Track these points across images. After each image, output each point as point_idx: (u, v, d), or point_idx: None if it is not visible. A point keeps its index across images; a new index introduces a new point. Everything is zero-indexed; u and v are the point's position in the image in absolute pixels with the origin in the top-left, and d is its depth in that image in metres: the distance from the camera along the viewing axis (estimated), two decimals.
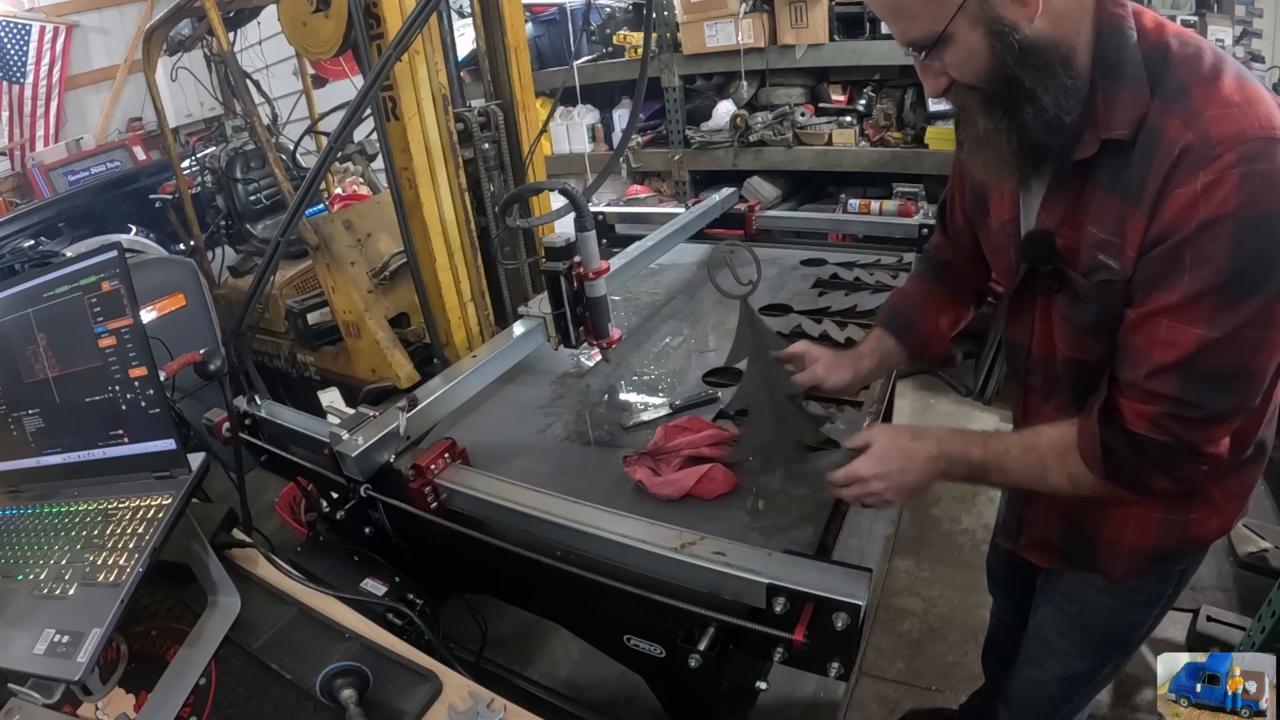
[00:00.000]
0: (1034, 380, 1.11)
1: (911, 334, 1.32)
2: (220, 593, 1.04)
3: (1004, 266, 1.09)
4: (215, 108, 3.88)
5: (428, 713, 0.87)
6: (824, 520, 1.21)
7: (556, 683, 1.82)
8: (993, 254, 1.13)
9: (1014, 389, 1.18)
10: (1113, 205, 0.86)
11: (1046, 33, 0.82)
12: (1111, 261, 0.87)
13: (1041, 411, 1.10)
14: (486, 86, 2.10)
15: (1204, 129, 0.77)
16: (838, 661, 0.97)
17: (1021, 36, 0.82)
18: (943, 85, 0.91)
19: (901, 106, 3.47)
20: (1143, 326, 0.85)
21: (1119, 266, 0.86)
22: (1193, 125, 0.78)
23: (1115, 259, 0.86)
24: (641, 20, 3.88)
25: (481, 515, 1.27)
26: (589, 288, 1.49)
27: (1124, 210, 0.84)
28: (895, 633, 2.20)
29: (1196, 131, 0.78)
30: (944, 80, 0.90)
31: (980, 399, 3.29)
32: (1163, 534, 1.06)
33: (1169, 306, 0.82)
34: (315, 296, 2.46)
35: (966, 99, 0.91)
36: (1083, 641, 1.23)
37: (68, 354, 1.09)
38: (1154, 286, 0.83)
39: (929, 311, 1.32)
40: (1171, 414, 0.85)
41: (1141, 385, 0.86)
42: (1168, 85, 0.81)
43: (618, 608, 1.11)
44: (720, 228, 2.52)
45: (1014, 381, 1.16)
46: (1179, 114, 0.79)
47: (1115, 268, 0.87)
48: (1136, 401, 0.87)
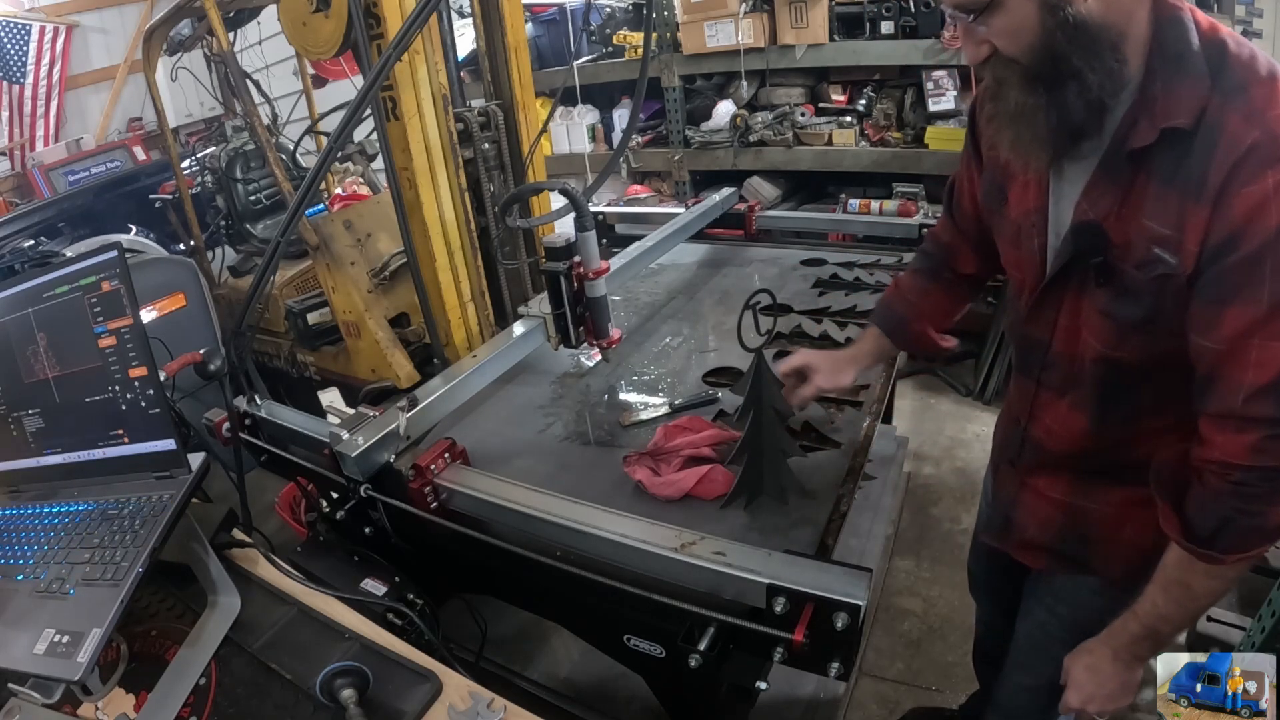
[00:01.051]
0: (1049, 377, 1.07)
1: (903, 332, 1.34)
2: (220, 593, 1.04)
3: (1024, 258, 1.04)
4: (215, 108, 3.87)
5: (428, 713, 0.87)
6: (824, 520, 1.21)
7: (556, 683, 1.82)
8: (1009, 245, 1.08)
9: (1020, 384, 1.15)
10: (1171, 198, 0.83)
11: (1098, 13, 0.80)
12: (1168, 256, 0.84)
13: (1052, 409, 1.08)
14: (486, 86, 2.10)
15: (1270, 128, 0.77)
16: (838, 661, 0.97)
17: (1074, 12, 0.80)
18: (984, 54, 0.88)
19: (901, 106, 3.47)
20: (1232, 354, 0.82)
21: (1176, 261, 0.83)
22: (1256, 123, 0.77)
23: (1172, 254, 0.83)
24: (641, 20, 3.87)
25: (481, 515, 1.27)
26: (589, 288, 1.49)
27: (1183, 203, 0.82)
28: (895, 633, 2.20)
29: (1262, 129, 0.77)
30: (985, 49, 0.87)
31: (980, 399, 3.29)
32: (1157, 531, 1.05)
33: (1256, 322, 0.79)
34: (315, 296, 2.45)
35: (1006, 72, 0.88)
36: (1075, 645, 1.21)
37: (68, 354, 1.09)
38: (1234, 299, 0.80)
39: (922, 310, 1.33)
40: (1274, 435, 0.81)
41: (1238, 414, 0.82)
42: (1227, 81, 0.80)
43: (618, 608, 1.11)
44: (720, 228, 2.52)
45: (1024, 376, 1.13)
46: (1240, 110, 0.78)
47: (1172, 262, 0.84)
48: (1235, 433, 0.83)
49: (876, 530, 2.14)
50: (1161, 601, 0.96)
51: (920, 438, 3.07)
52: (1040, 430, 1.11)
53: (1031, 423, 1.12)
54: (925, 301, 1.33)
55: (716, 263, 2.38)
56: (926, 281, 1.33)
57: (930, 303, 1.33)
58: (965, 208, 1.23)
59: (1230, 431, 0.84)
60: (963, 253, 1.28)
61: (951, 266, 1.31)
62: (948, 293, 1.33)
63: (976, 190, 1.17)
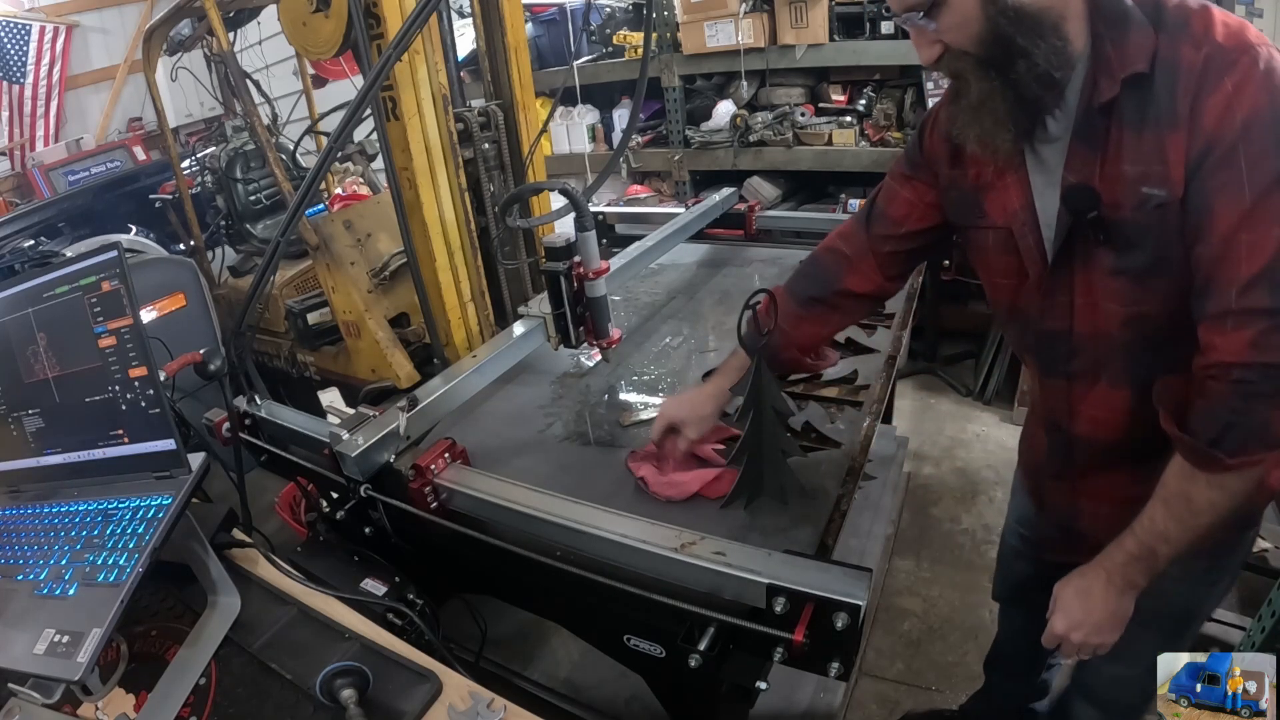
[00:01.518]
0: (1078, 365, 1.05)
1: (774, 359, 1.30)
2: (220, 593, 1.04)
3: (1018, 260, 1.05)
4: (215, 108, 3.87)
5: (428, 713, 0.87)
6: (824, 520, 1.21)
7: (556, 683, 1.82)
8: (998, 254, 1.08)
9: (1049, 387, 1.12)
10: (1146, 138, 0.87)
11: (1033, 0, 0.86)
12: (1157, 190, 0.87)
13: (1091, 397, 1.06)
14: (486, 86, 2.10)
15: (1215, 44, 0.83)
16: (838, 661, 0.97)
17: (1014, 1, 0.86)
18: (936, 53, 0.93)
19: (901, 106, 3.47)
20: (1223, 252, 0.84)
21: (1166, 192, 0.86)
22: (1203, 45, 0.84)
23: (1161, 186, 0.86)
24: (641, 20, 3.87)
25: (481, 515, 1.27)
26: (589, 288, 1.49)
27: (1159, 137, 0.86)
28: (895, 633, 2.20)
29: (1210, 47, 0.83)
30: (938, 48, 0.93)
31: (980, 399, 3.29)
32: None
33: (1242, 214, 0.82)
34: (315, 296, 2.45)
35: (960, 65, 0.93)
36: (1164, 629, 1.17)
37: (68, 354, 1.09)
38: (1218, 199, 0.83)
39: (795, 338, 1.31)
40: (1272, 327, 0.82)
41: (1234, 309, 0.83)
42: (1168, 21, 0.86)
43: (618, 608, 1.11)
44: (720, 228, 2.52)
45: (1051, 377, 1.11)
46: (1187, 40, 0.85)
47: (1162, 194, 0.87)
48: (1232, 330, 0.84)
49: (876, 530, 2.14)
50: (1161, 517, 0.94)
51: (920, 438, 3.07)
52: (1085, 425, 1.09)
53: (1073, 421, 1.10)
54: (800, 329, 1.31)
55: (716, 263, 2.38)
56: (802, 308, 1.31)
57: (805, 331, 1.32)
58: (894, 218, 1.22)
59: (1228, 330, 0.84)
60: (864, 268, 1.27)
61: (842, 284, 1.29)
62: (827, 317, 1.32)
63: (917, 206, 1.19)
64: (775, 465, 1.26)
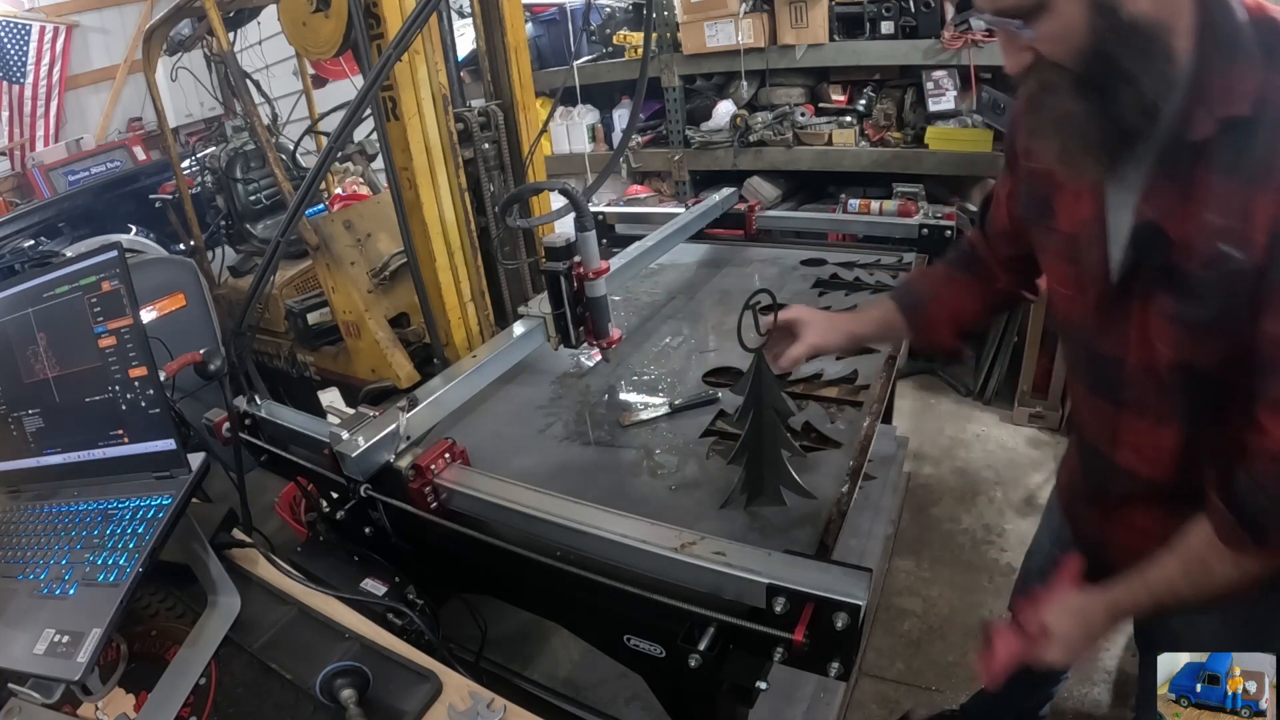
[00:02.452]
0: (1128, 395, 0.98)
1: (918, 312, 1.26)
2: (220, 593, 1.04)
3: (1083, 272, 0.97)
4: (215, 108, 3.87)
5: (428, 713, 0.87)
6: (824, 520, 1.21)
7: (556, 683, 1.82)
8: (1061, 261, 1.01)
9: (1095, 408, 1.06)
10: (1234, 189, 0.79)
11: (1149, 12, 0.76)
12: (1235, 251, 0.79)
13: (1138, 429, 0.99)
14: (486, 86, 2.10)
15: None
16: (838, 661, 0.97)
17: (1126, 14, 0.75)
18: (1025, 62, 0.83)
19: (901, 106, 3.47)
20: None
21: (1244, 255, 0.78)
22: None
23: (1240, 247, 0.78)
24: (641, 20, 3.87)
25: (481, 515, 1.27)
26: (589, 288, 1.49)
27: (1248, 193, 0.78)
28: (895, 633, 2.20)
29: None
30: (1028, 56, 0.83)
31: (980, 399, 3.29)
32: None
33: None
34: (315, 296, 2.45)
35: (1051, 79, 0.83)
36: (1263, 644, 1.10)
37: (68, 354, 1.09)
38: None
39: (944, 295, 1.26)
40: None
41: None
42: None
43: (618, 608, 1.11)
44: (720, 228, 2.52)
45: (1098, 398, 1.04)
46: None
47: (1239, 257, 0.79)
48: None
49: (876, 530, 2.14)
50: (1176, 574, 0.92)
51: (920, 438, 3.07)
52: (1127, 455, 1.03)
53: (1115, 448, 1.04)
54: (950, 288, 1.26)
55: (716, 263, 2.38)
56: (957, 270, 1.26)
57: (955, 290, 1.25)
58: (999, 223, 1.17)
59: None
60: (993, 268, 1.23)
61: (981, 273, 1.25)
62: (977, 288, 1.25)
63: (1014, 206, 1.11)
64: (775, 465, 1.25)
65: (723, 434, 1.47)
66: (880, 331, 1.31)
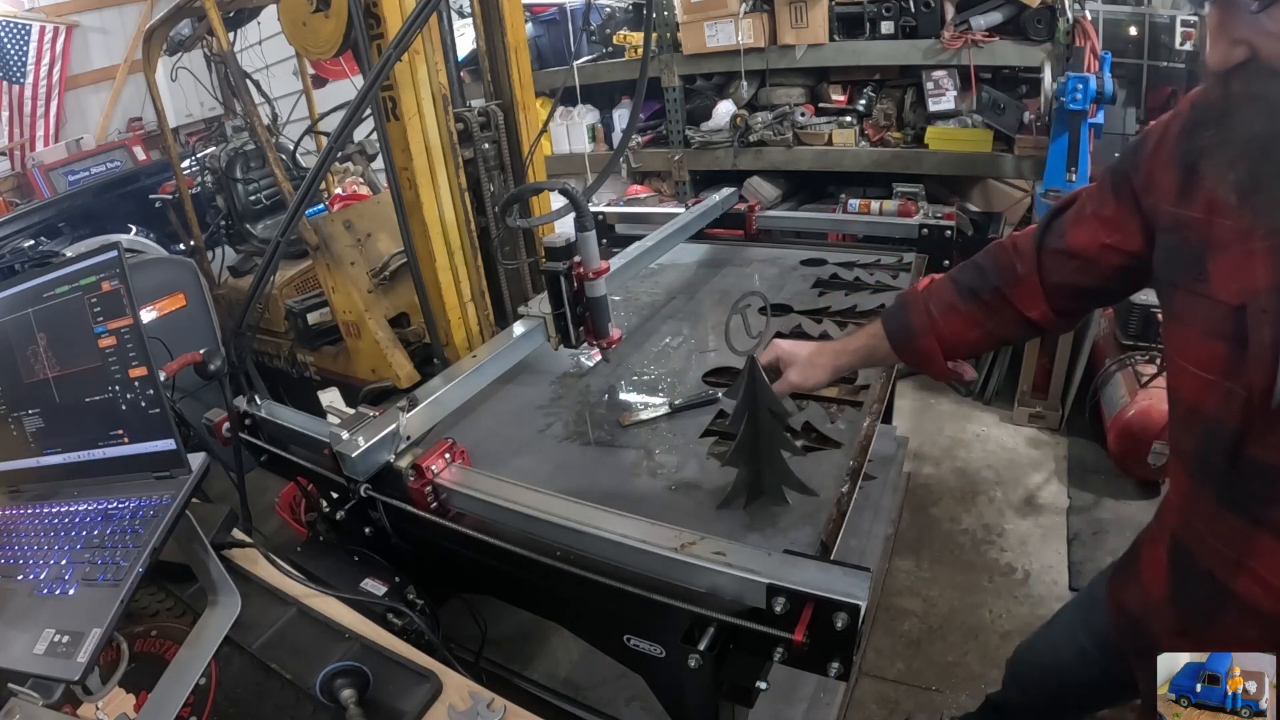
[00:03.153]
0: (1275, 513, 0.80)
1: (909, 343, 1.16)
2: (220, 593, 1.04)
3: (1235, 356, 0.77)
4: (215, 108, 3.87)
5: (428, 713, 0.87)
6: (824, 520, 1.21)
7: (556, 683, 1.82)
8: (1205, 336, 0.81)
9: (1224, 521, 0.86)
10: None
11: None
12: None
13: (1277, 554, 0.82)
14: (486, 86, 2.10)
15: None
16: (838, 661, 0.97)
17: None
18: (1238, 57, 0.66)
19: (901, 106, 3.47)
20: None
21: None
22: None
23: None
24: (641, 20, 3.87)
25: (481, 515, 1.27)
26: (589, 288, 1.49)
27: None
28: (895, 633, 2.20)
29: None
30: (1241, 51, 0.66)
31: (980, 399, 3.29)
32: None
33: None
34: (315, 296, 2.45)
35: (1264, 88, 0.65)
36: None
37: (68, 354, 1.09)
38: None
39: (940, 328, 1.13)
40: None
41: None
42: None
43: (618, 608, 1.11)
44: (720, 228, 2.52)
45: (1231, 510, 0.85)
46: None
47: None
48: None
49: (876, 530, 2.14)
50: None
51: (920, 438, 3.07)
52: (1254, 585, 0.84)
53: (1237, 574, 0.86)
54: (951, 319, 1.12)
55: (716, 263, 2.38)
56: (960, 298, 1.11)
57: (955, 323, 1.12)
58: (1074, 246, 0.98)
59: None
60: (1031, 291, 1.05)
61: (1005, 295, 1.07)
62: (982, 319, 1.10)
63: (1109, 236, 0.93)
64: (774, 465, 1.25)
65: (723, 434, 1.47)
66: (867, 361, 1.24)
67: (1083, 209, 0.98)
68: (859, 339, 1.24)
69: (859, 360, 1.24)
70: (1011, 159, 3.16)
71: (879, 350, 1.21)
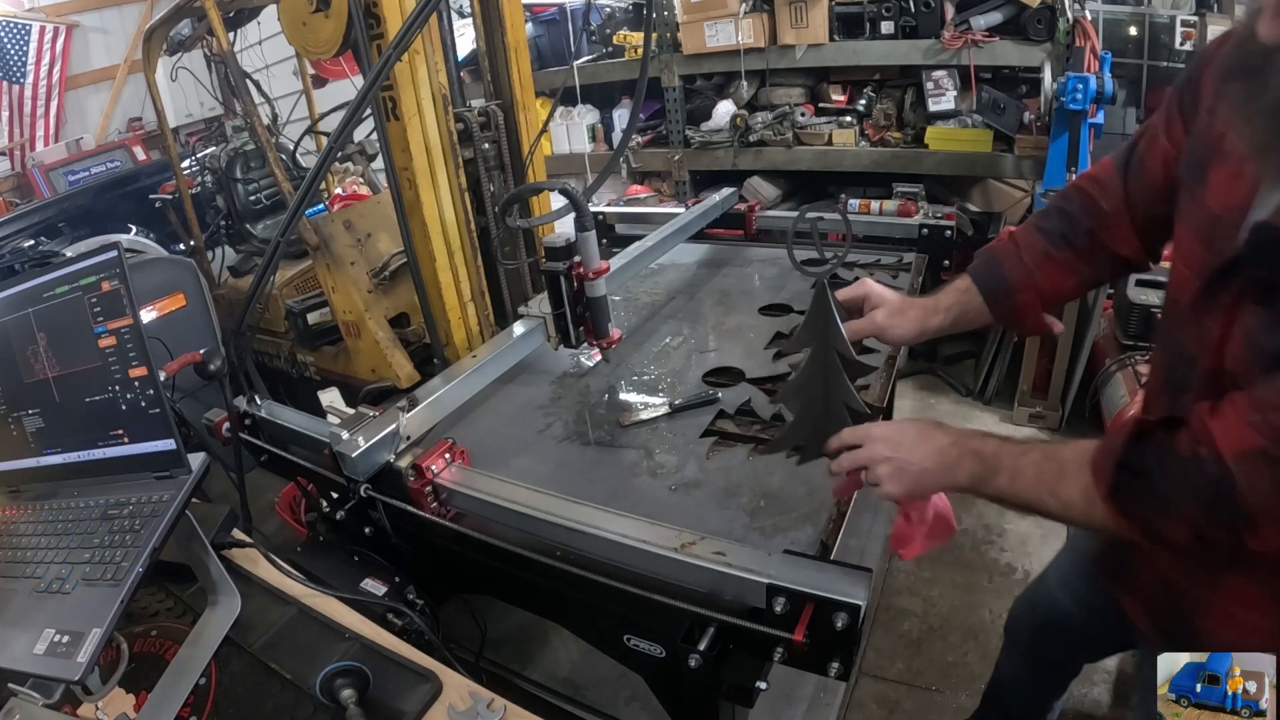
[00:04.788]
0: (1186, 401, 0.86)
1: (1006, 299, 1.10)
2: (220, 593, 1.04)
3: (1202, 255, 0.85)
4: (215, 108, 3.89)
5: (428, 713, 0.87)
6: (824, 520, 1.21)
7: (556, 683, 1.82)
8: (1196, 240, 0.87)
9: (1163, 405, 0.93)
10: None
11: None
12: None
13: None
14: (486, 86, 2.10)
15: None
16: (838, 661, 0.97)
17: None
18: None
19: (901, 106, 3.47)
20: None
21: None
22: None
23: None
24: (641, 20, 3.88)
25: (481, 515, 1.27)
26: (589, 288, 1.49)
27: None
28: (895, 633, 2.20)
29: None
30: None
31: (980, 399, 3.29)
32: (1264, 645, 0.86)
33: None
34: (315, 296, 2.46)
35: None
36: None
37: (68, 354, 1.09)
38: None
39: (1037, 279, 1.09)
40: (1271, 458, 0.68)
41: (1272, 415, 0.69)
42: None
43: (618, 608, 1.11)
44: (720, 228, 2.52)
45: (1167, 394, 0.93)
46: None
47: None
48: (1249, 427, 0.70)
49: (876, 530, 2.14)
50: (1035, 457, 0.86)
51: None
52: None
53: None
54: (1044, 271, 1.08)
55: (716, 263, 2.38)
56: (1054, 246, 1.08)
57: (1051, 272, 1.08)
58: (1152, 174, 0.98)
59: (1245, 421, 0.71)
60: (1121, 228, 1.03)
61: (1096, 237, 1.05)
62: (1077, 265, 1.07)
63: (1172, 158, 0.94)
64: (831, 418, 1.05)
65: (723, 434, 1.47)
66: (957, 322, 1.14)
67: (1155, 134, 0.98)
68: (949, 296, 1.15)
69: (949, 321, 1.14)
70: (1011, 159, 3.16)
71: (970, 308, 1.14)
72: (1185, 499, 0.74)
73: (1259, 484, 0.69)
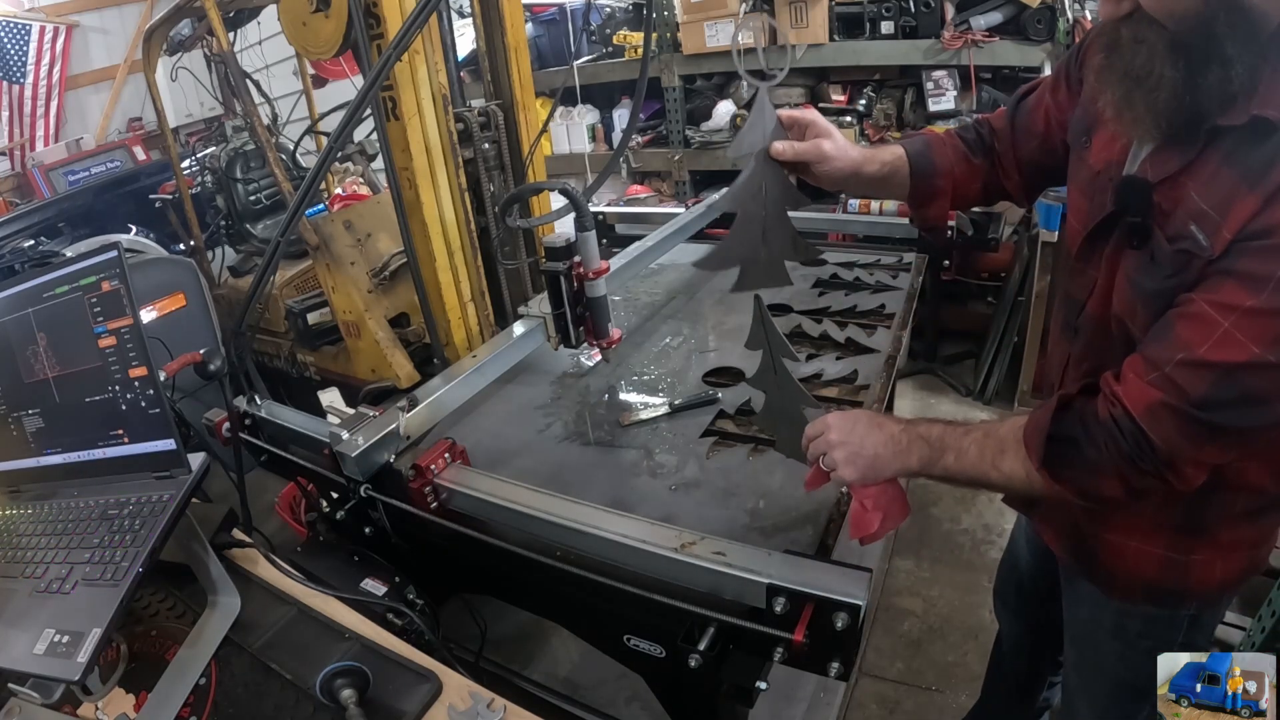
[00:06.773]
0: (1078, 343, 1.02)
1: (927, 179, 1.20)
2: (220, 593, 1.04)
3: (1086, 208, 0.97)
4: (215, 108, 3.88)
5: (428, 713, 0.87)
6: (824, 520, 1.21)
7: (556, 683, 1.82)
8: (1081, 193, 1.00)
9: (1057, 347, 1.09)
10: (1225, 179, 0.78)
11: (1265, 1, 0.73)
12: (1201, 235, 0.78)
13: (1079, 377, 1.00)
14: (486, 86, 2.10)
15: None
16: (838, 661, 0.97)
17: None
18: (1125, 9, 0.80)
19: (901, 106, 3.47)
20: (1201, 316, 0.78)
21: (1207, 244, 0.78)
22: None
23: (1207, 235, 0.78)
24: (641, 20, 3.88)
25: (481, 515, 1.27)
26: (589, 288, 1.49)
27: (1237, 188, 0.76)
28: (895, 633, 2.20)
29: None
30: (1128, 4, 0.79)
31: (980, 399, 3.29)
32: (1161, 570, 1.03)
33: (1241, 308, 0.75)
34: (315, 296, 2.46)
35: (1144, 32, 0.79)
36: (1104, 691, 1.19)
37: (68, 354, 1.09)
38: (1234, 278, 0.76)
39: (956, 172, 1.21)
40: (1180, 410, 0.78)
41: (1165, 370, 0.79)
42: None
43: (618, 608, 1.11)
44: (720, 228, 2.52)
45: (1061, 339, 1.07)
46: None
47: (1203, 243, 0.78)
48: (1148, 385, 0.80)
49: None
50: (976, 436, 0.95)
51: None
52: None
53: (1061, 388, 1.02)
54: (963, 167, 1.21)
55: None
56: (971, 152, 1.21)
57: (966, 171, 1.21)
58: (1035, 123, 1.13)
59: (1144, 380, 0.81)
60: (1007, 161, 1.19)
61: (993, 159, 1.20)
62: (983, 174, 1.21)
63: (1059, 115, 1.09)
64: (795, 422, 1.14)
65: (723, 434, 1.47)
66: (883, 178, 1.21)
67: (1043, 92, 1.13)
68: (885, 154, 1.21)
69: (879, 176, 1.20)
70: None
71: (899, 175, 1.21)
72: (1111, 458, 0.84)
73: (1167, 432, 0.80)
